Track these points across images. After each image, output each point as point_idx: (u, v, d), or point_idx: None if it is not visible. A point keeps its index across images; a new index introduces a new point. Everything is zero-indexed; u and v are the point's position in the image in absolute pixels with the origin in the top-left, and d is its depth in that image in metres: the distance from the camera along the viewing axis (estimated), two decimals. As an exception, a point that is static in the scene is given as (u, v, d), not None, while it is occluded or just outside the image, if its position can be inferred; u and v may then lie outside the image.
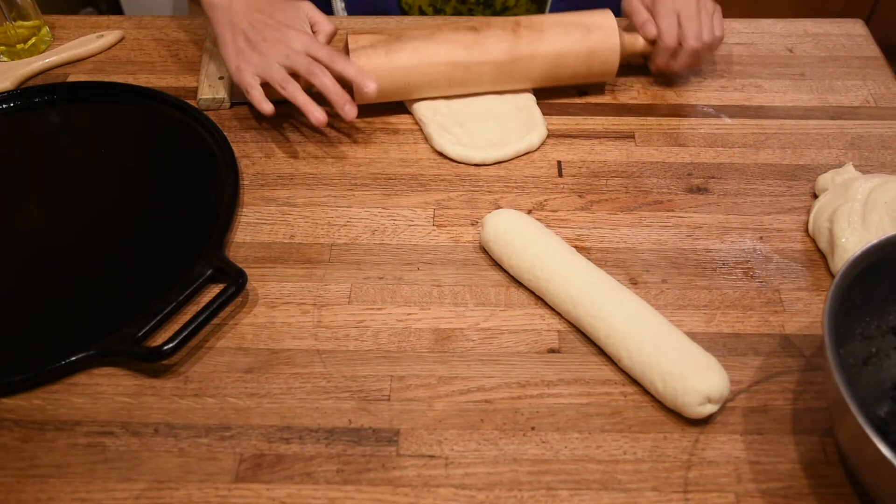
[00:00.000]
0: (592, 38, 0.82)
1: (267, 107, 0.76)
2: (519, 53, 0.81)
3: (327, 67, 0.74)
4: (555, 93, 0.87)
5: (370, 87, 0.72)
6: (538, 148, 0.82)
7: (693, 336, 0.63)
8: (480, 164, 0.80)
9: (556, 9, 1.01)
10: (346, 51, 0.80)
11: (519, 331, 0.66)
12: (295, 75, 0.77)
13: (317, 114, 0.74)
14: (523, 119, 0.83)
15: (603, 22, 0.83)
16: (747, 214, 0.76)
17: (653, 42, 0.84)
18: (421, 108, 0.84)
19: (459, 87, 0.83)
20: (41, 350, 0.64)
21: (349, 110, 0.75)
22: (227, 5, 0.79)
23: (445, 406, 0.61)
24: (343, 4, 1.01)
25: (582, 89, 0.88)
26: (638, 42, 0.85)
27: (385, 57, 0.80)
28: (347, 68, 0.73)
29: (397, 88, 0.81)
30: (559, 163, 0.80)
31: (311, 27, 0.81)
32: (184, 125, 0.83)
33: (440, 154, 0.81)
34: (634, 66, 0.91)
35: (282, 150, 0.82)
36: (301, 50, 0.74)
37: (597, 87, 0.89)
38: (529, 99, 0.86)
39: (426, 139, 0.83)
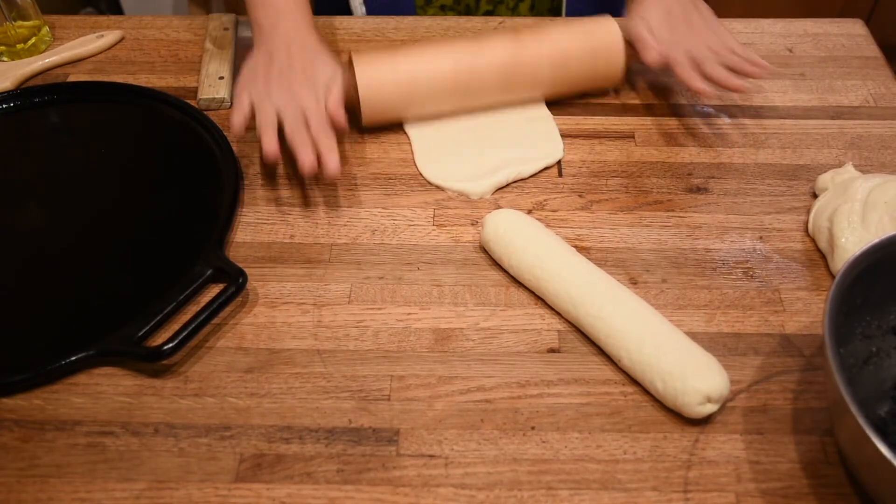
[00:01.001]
0: (595, 37, 0.83)
1: (237, 122, 0.75)
2: (522, 53, 0.81)
3: (311, 136, 0.73)
4: (555, 93, 0.87)
5: (330, 168, 0.71)
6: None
7: (693, 336, 0.63)
8: (481, 196, 0.78)
9: (570, 7, 1.02)
10: (350, 64, 0.80)
11: (519, 331, 0.66)
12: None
13: (268, 153, 0.73)
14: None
15: (605, 23, 0.84)
16: (747, 214, 0.76)
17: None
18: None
19: (464, 95, 0.82)
20: (41, 350, 0.64)
21: (306, 171, 0.73)
22: (271, 30, 0.79)
23: (445, 406, 0.61)
24: (361, 0, 1.01)
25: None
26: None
27: (389, 65, 0.80)
28: (324, 145, 0.72)
29: (403, 98, 0.81)
30: (559, 162, 0.80)
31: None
32: (184, 125, 0.83)
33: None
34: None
35: (282, 149, 0.81)
36: (300, 107, 0.74)
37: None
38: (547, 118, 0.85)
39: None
